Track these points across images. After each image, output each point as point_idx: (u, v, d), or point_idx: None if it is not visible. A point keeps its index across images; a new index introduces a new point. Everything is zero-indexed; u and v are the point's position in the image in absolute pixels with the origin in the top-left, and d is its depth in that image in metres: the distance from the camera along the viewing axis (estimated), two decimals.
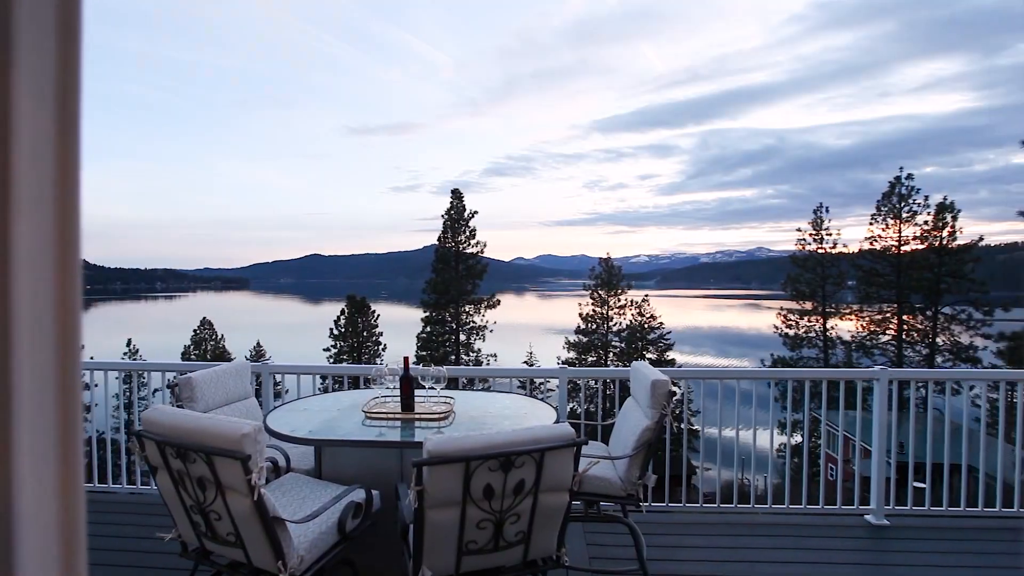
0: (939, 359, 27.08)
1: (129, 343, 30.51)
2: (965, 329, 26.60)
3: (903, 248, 27.75)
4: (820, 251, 29.52)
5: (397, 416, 2.40)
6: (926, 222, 27.08)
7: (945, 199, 26.88)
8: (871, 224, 28.61)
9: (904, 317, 27.91)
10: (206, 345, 32.45)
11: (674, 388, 2.32)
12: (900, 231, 27.86)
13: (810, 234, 29.83)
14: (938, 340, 27.09)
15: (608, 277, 32.06)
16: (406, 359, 2.49)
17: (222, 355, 30.65)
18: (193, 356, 31.85)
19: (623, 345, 31.63)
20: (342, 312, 29.84)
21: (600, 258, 33.26)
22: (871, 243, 28.84)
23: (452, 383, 3.42)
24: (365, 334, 29.83)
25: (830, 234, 29.38)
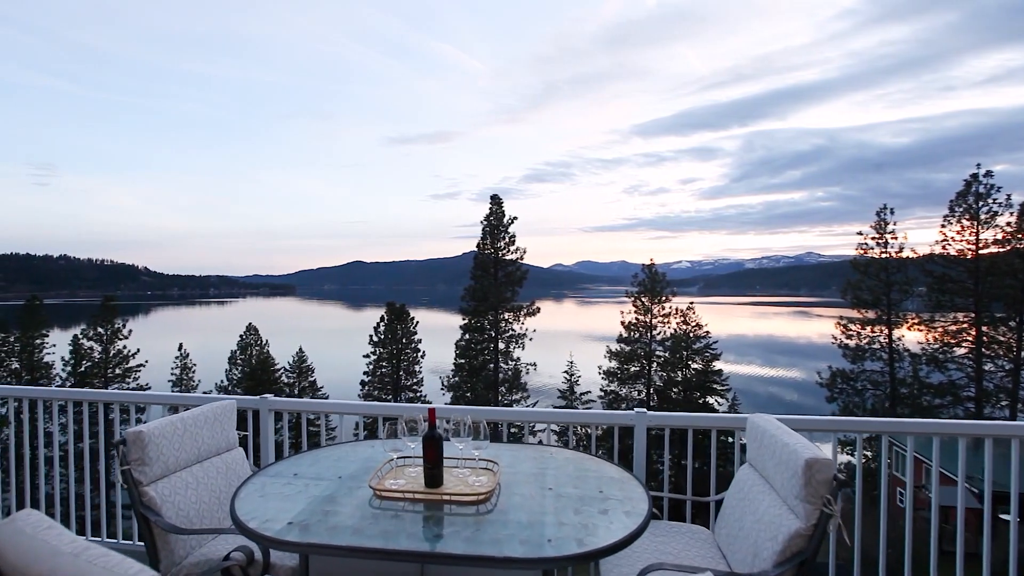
0: None
1: (180, 347, 31.33)
2: None
3: (981, 252, 25.29)
4: (884, 255, 27.29)
5: (418, 496, 1.69)
6: (1008, 223, 24.57)
7: None
8: (943, 226, 26.23)
9: (983, 328, 25.39)
10: (251, 350, 33.03)
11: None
12: (978, 233, 25.41)
13: (872, 237, 27.63)
14: (1023, 354, 24.51)
15: (651, 284, 30.75)
16: (431, 412, 1.77)
17: (265, 361, 31.08)
18: (239, 360, 32.46)
19: (667, 355, 30.23)
20: (381, 319, 29.74)
21: (643, 264, 31.97)
22: (943, 247, 26.44)
23: (493, 430, 2.68)
24: (404, 341, 29.61)
25: (895, 237, 27.13)
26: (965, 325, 25.68)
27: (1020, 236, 24.24)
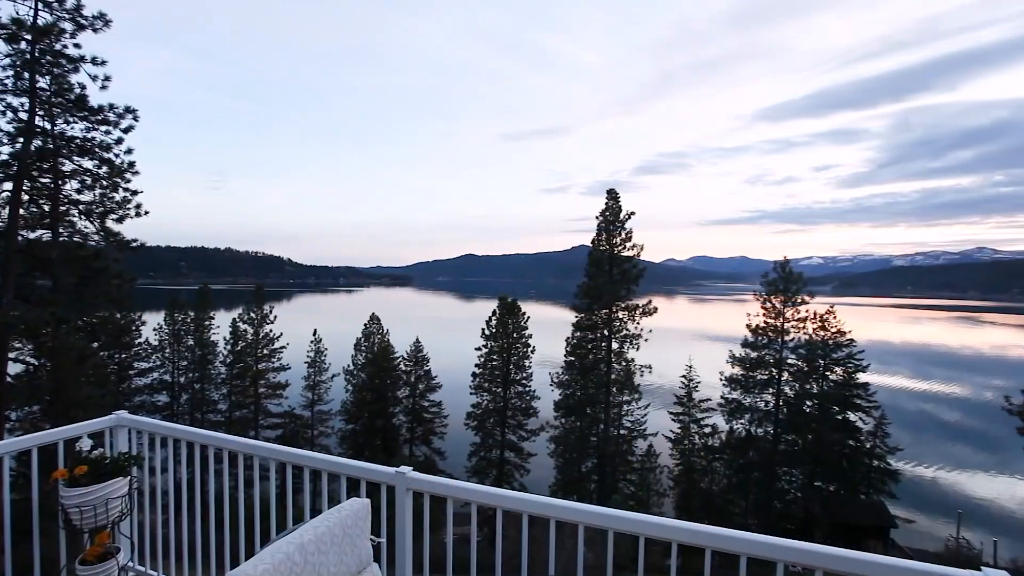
0: None
1: (314, 332, 34.53)
2: None
3: None
4: None
5: None
6: None
7: None
8: None
9: None
10: (374, 338, 35.50)
11: None
12: None
13: None
14: None
15: (785, 284, 27.72)
16: None
17: (386, 349, 33.18)
18: (363, 347, 35.08)
19: (802, 364, 27.13)
20: (493, 312, 30.25)
21: (775, 262, 28.92)
22: None
23: None
24: (515, 335, 29.86)
25: None
26: None
27: None
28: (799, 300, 27.19)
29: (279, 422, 32.29)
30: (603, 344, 27.08)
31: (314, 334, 34.31)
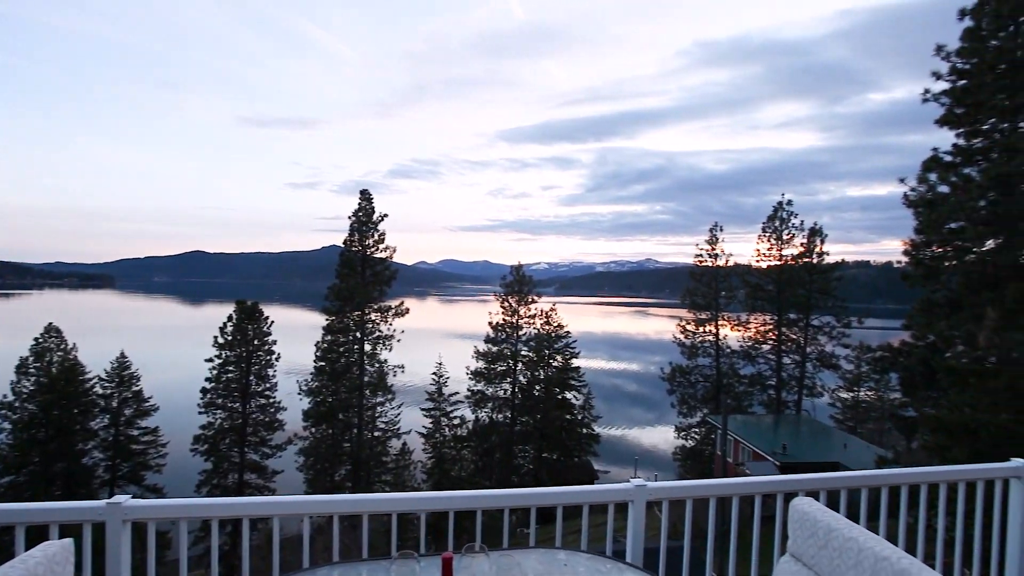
0: (809, 366, 30.16)
1: None
2: (829, 339, 29.80)
3: (783, 265, 30.44)
4: (715, 266, 31.68)
5: None
6: (803, 243, 29.99)
7: (815, 224, 29.95)
8: (758, 243, 31.20)
9: (783, 328, 30.66)
10: (51, 356, 27.18)
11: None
12: (780, 251, 30.62)
13: (706, 251, 31.91)
14: (808, 349, 30.13)
15: (519, 286, 31.88)
16: (447, 561, 1.36)
17: (72, 369, 25.83)
18: (32, 369, 26.53)
19: (532, 354, 31.59)
20: (229, 318, 26.55)
21: (511, 266, 32.99)
22: (757, 261, 31.52)
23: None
24: (256, 342, 26.79)
25: (723, 251, 31.68)
26: (771, 326, 30.85)
27: (808, 254, 29.73)
28: (530, 300, 31.64)
29: None
30: (355, 347, 26.61)
31: None
